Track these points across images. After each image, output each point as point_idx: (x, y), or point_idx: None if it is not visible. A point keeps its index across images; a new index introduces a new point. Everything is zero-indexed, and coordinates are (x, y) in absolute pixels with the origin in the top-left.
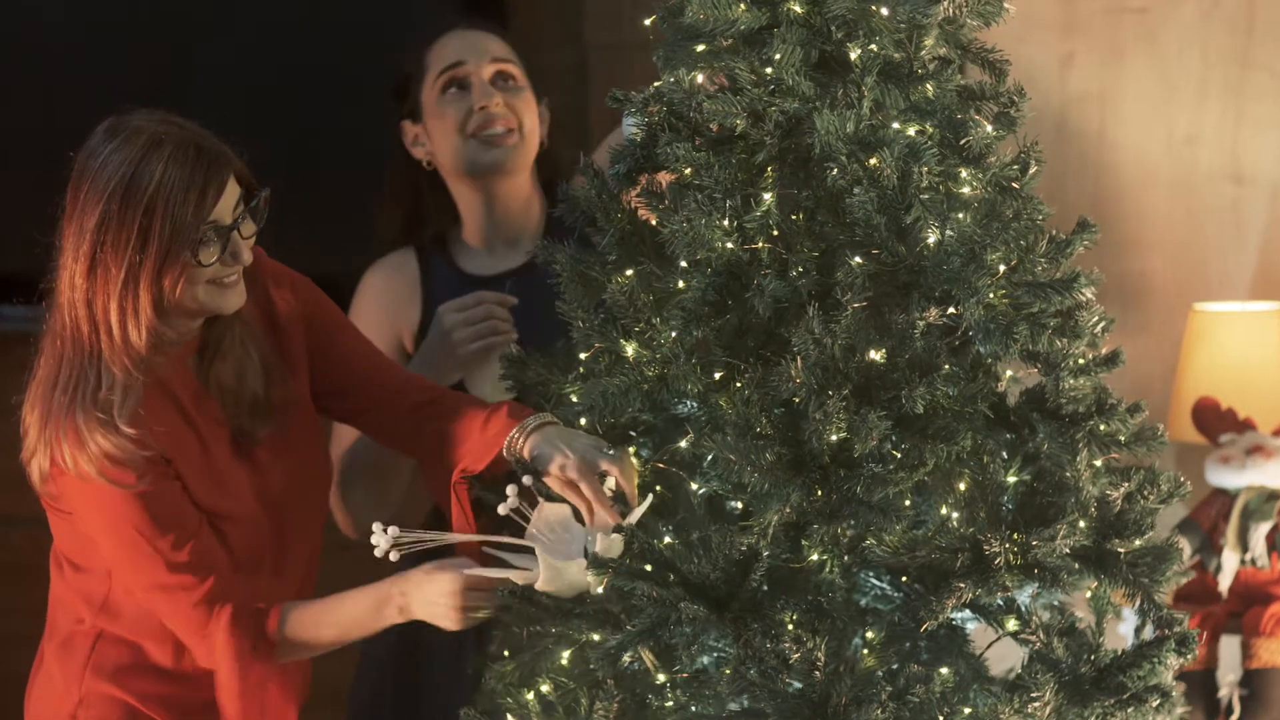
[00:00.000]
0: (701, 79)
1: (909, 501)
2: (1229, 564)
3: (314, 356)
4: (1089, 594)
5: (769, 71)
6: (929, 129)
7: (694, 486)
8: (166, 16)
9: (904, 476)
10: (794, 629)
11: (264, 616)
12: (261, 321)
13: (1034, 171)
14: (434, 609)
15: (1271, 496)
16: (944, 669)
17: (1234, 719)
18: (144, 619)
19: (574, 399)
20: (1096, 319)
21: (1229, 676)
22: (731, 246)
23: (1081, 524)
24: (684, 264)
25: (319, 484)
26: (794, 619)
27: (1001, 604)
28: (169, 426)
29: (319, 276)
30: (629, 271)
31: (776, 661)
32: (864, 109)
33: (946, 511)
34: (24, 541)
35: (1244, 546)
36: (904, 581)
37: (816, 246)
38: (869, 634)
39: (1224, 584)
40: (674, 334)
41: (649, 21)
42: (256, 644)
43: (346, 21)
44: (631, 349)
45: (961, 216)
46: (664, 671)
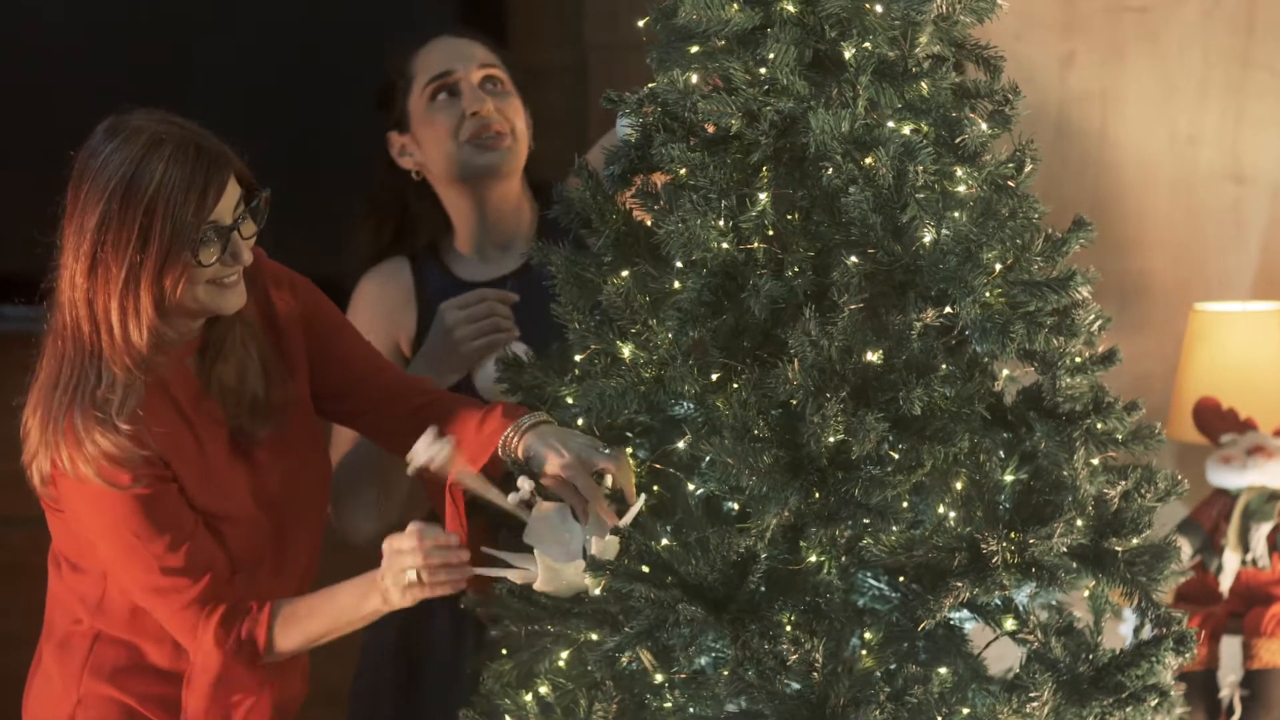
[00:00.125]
0: (696, 79)
1: (906, 502)
2: (1230, 564)
3: (313, 357)
4: (1087, 593)
5: (763, 71)
6: (924, 127)
7: (691, 487)
8: (166, 16)
9: (902, 478)
10: (792, 630)
11: (253, 617)
12: (261, 322)
13: (1030, 170)
14: (392, 582)
15: (1272, 497)
16: (942, 669)
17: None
18: (141, 619)
19: (570, 401)
20: (1093, 317)
21: (1230, 677)
22: (727, 247)
23: (1079, 523)
24: (680, 265)
25: (318, 484)
26: (792, 620)
27: (999, 603)
28: (167, 427)
29: (319, 277)
30: (625, 273)
31: (774, 662)
32: (859, 108)
33: (944, 511)
34: (23, 542)
35: (1245, 547)
36: (901, 581)
37: (812, 246)
38: (867, 634)
39: (1225, 584)
40: (670, 335)
41: (642, 23)
42: (241, 646)
43: (346, 21)
44: (628, 350)
45: (957, 215)
46: (662, 672)
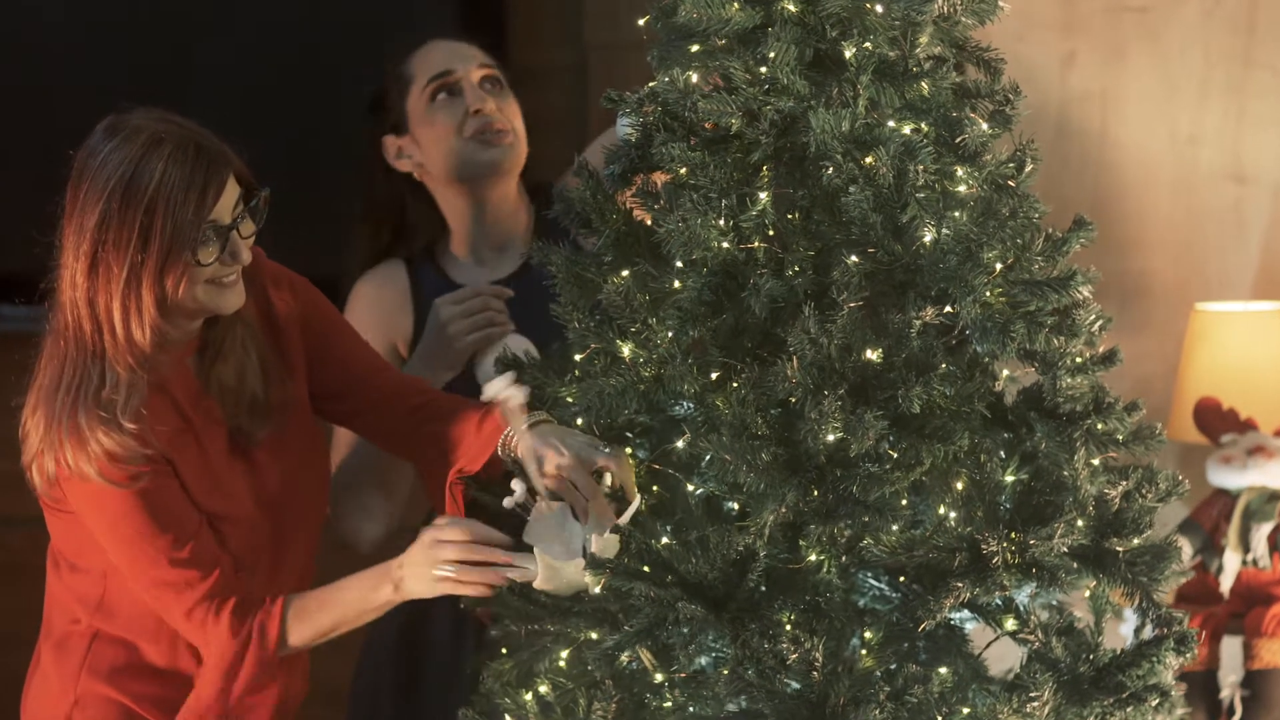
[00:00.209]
0: (696, 78)
1: (906, 501)
2: (1230, 565)
3: (312, 357)
4: (1087, 593)
5: (764, 71)
6: (924, 127)
7: (691, 487)
8: (166, 16)
9: (900, 476)
10: (792, 629)
11: (266, 610)
12: (260, 322)
13: (1030, 169)
14: (418, 570)
15: (1273, 497)
16: (942, 669)
17: None
18: (140, 619)
19: (570, 400)
20: (1094, 317)
21: (1231, 677)
22: (727, 246)
23: (1079, 523)
24: (680, 264)
25: (317, 485)
26: (792, 619)
27: (1000, 603)
28: (169, 426)
29: (318, 277)
30: (625, 272)
31: (774, 662)
32: (859, 107)
33: (944, 511)
34: (23, 542)
35: (1246, 547)
36: (902, 581)
37: (812, 245)
38: (867, 634)
39: (1225, 585)
40: (670, 334)
41: (642, 22)
42: (255, 639)
43: (346, 21)
44: (628, 349)
45: (958, 215)
46: (662, 671)
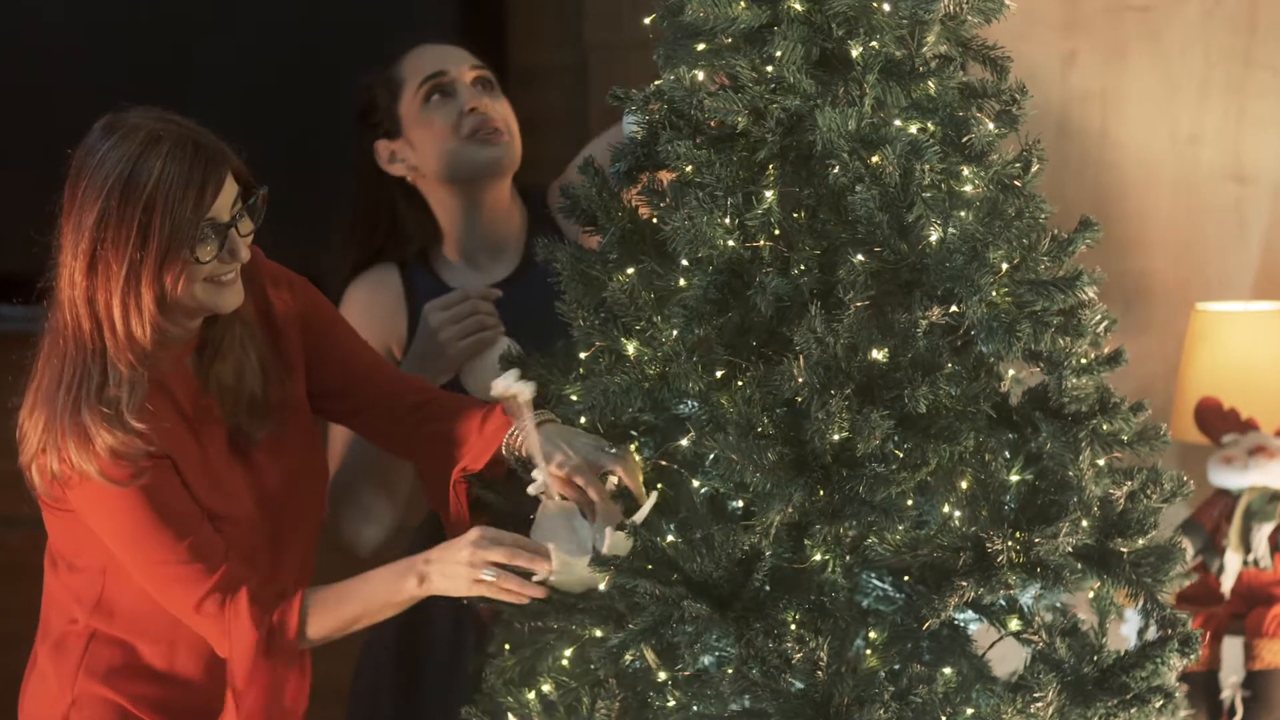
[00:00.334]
0: (702, 77)
1: (911, 501)
2: (1231, 565)
3: (311, 357)
4: (1091, 594)
5: (770, 69)
6: (931, 127)
7: (696, 484)
8: (166, 16)
9: (906, 476)
10: (796, 629)
11: (285, 601)
12: (259, 321)
13: (1036, 169)
14: (453, 569)
15: (1274, 497)
16: (947, 669)
17: None
18: (138, 618)
19: (574, 398)
20: (1099, 318)
21: (1231, 678)
22: (733, 244)
23: (1084, 523)
24: (685, 262)
25: (315, 485)
26: (796, 619)
27: (1004, 604)
28: (170, 424)
29: (317, 277)
30: (630, 270)
31: (779, 661)
32: (865, 106)
33: (949, 510)
34: (22, 542)
35: (1247, 547)
36: (906, 582)
37: (818, 244)
38: (871, 634)
39: (1226, 585)
40: (675, 332)
41: (649, 20)
42: (275, 629)
43: (346, 21)
44: (632, 347)
45: (963, 214)
46: (666, 670)
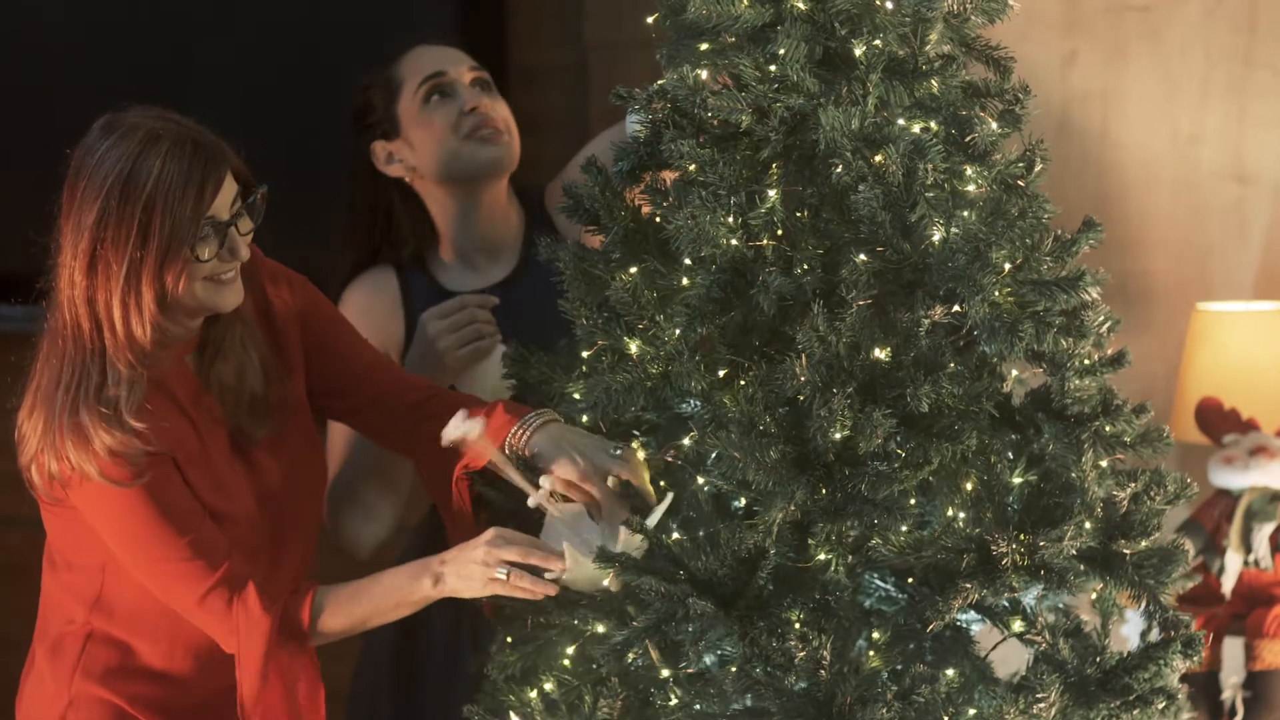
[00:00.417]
0: (705, 76)
1: (914, 501)
2: (1232, 565)
3: (311, 355)
4: (1094, 595)
5: (773, 68)
6: (934, 126)
7: (700, 481)
8: (166, 16)
9: (909, 475)
10: (800, 628)
11: (295, 597)
12: (259, 320)
13: (1039, 169)
14: (469, 569)
15: (1275, 497)
16: (949, 670)
17: None
18: (137, 616)
19: (577, 397)
20: (1102, 319)
21: (1232, 679)
22: (736, 243)
23: (1088, 525)
24: (688, 261)
25: (315, 484)
26: (800, 618)
27: (1007, 605)
28: (169, 423)
29: (316, 276)
30: (633, 269)
31: (782, 660)
32: (869, 105)
33: (952, 512)
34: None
35: (1247, 548)
36: (909, 582)
37: (821, 244)
38: (874, 634)
39: (1227, 586)
40: (678, 331)
41: (651, 20)
42: (288, 617)
43: (346, 22)
44: (635, 346)
45: (966, 214)
46: (668, 667)
